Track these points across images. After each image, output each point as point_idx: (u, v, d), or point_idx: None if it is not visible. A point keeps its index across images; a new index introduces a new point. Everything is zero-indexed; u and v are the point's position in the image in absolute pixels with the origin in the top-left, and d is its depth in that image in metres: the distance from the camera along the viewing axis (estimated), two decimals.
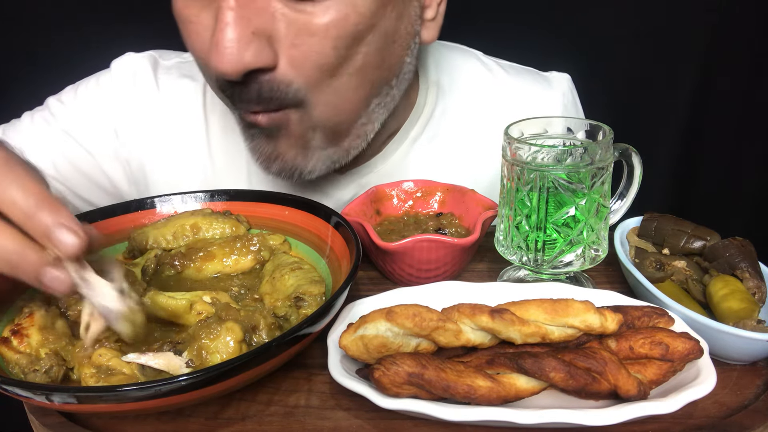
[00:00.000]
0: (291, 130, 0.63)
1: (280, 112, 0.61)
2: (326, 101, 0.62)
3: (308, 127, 0.63)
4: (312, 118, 0.62)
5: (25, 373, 0.47)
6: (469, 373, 0.44)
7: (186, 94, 0.80)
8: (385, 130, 0.77)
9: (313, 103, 0.61)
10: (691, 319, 0.50)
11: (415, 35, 0.68)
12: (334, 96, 0.62)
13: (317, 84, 0.60)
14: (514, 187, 0.57)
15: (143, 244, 0.63)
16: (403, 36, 0.65)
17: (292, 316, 0.53)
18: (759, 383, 0.50)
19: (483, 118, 0.83)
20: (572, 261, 0.57)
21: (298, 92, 0.60)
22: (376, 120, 0.69)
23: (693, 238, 0.61)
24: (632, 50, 1.35)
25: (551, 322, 0.46)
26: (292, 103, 0.61)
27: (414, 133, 0.81)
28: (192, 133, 0.80)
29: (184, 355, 0.46)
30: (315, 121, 0.63)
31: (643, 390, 0.44)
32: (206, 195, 0.68)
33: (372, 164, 0.80)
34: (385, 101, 0.68)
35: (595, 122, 0.58)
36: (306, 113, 0.62)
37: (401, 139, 0.80)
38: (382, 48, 0.62)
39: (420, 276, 0.62)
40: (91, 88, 0.80)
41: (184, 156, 0.80)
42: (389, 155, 0.80)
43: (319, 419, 0.47)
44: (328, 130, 0.65)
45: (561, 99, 0.86)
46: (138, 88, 0.79)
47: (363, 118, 0.67)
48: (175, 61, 0.83)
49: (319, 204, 0.64)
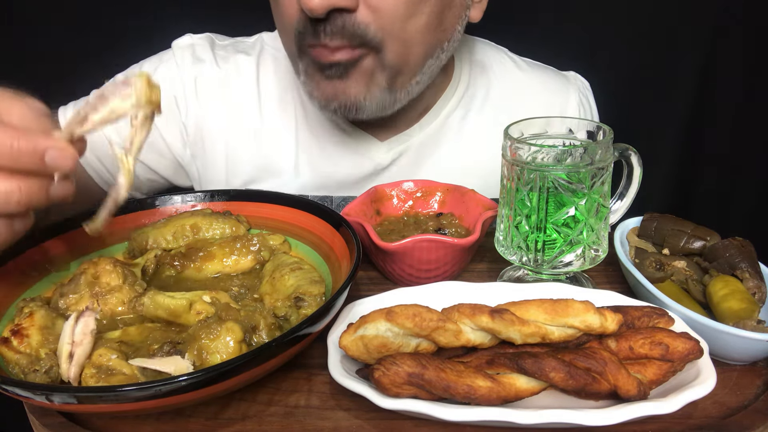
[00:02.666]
0: (365, 68, 0.70)
1: (360, 50, 0.68)
2: (397, 49, 0.70)
3: (378, 67, 0.71)
4: (384, 61, 0.70)
5: (25, 373, 0.47)
6: (469, 373, 0.44)
7: (241, 66, 0.88)
8: (423, 100, 0.84)
9: (388, 48, 0.69)
10: (691, 319, 0.50)
11: (467, 8, 0.77)
12: (403, 46, 0.70)
13: (390, 31, 0.68)
14: (514, 187, 0.57)
15: (143, 244, 0.63)
16: (458, 5, 0.74)
17: (292, 316, 0.53)
18: (759, 383, 0.50)
19: (509, 104, 0.90)
20: (572, 261, 0.57)
21: (376, 35, 0.68)
22: (423, 82, 0.76)
23: (693, 238, 0.61)
24: (632, 50, 1.35)
25: (551, 322, 0.46)
26: (371, 45, 0.68)
27: (448, 109, 0.88)
28: (245, 99, 0.87)
29: (187, 357, 0.46)
30: (386, 63, 0.70)
31: (643, 390, 0.44)
32: (206, 195, 0.68)
33: (409, 133, 0.86)
34: (434, 65, 0.75)
35: (595, 122, 0.58)
36: (381, 56, 0.70)
37: (436, 113, 0.87)
38: (441, 11, 0.71)
39: (420, 276, 0.62)
40: (153, 62, 0.89)
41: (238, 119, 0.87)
42: (425, 126, 0.87)
43: (319, 419, 0.47)
44: (393, 73, 0.72)
45: (577, 95, 0.93)
46: (197, 62, 0.87)
47: (417, 76, 0.74)
48: (230, 41, 0.92)
49: (320, 204, 0.64)
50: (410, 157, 0.86)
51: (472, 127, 0.88)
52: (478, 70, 0.91)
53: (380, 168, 0.86)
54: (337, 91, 0.72)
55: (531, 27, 1.30)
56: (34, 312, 0.51)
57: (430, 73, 0.76)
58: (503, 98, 0.90)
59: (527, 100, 0.90)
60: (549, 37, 1.30)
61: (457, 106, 0.88)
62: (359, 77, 0.71)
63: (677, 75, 1.38)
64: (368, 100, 0.73)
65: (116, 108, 0.45)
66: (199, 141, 0.87)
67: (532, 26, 1.30)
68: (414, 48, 0.71)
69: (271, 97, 0.88)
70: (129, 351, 0.48)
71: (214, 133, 0.87)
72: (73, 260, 0.61)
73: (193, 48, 0.88)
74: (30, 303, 0.52)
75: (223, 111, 0.87)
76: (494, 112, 0.89)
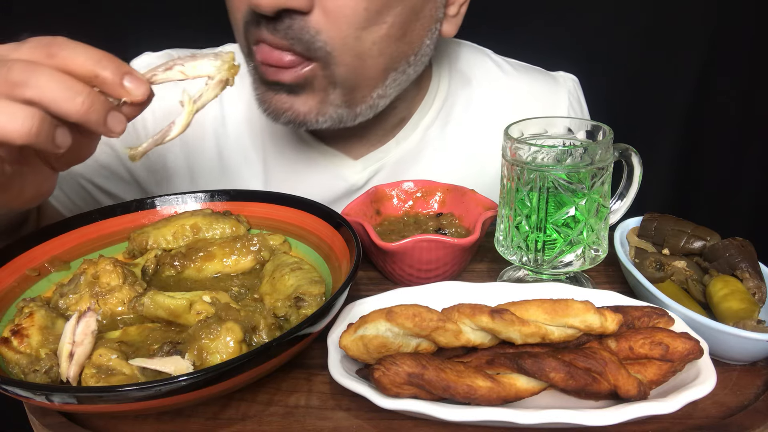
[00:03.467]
0: (315, 86, 0.66)
1: (308, 67, 0.64)
2: (350, 62, 0.65)
3: (330, 83, 0.66)
4: (335, 76, 0.65)
5: (25, 373, 0.47)
6: (469, 373, 0.44)
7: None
8: (395, 113, 0.80)
9: (338, 62, 0.64)
10: (691, 319, 0.50)
11: (438, 21, 0.71)
12: (357, 59, 0.65)
13: (344, 41, 0.63)
14: (514, 188, 0.57)
15: (143, 244, 0.63)
16: (427, 17, 0.69)
17: (292, 316, 0.53)
18: (759, 383, 0.50)
19: (493, 112, 0.86)
20: (572, 261, 0.57)
21: (326, 45, 0.63)
22: (389, 95, 0.72)
23: (693, 238, 0.60)
24: (632, 50, 1.35)
25: (551, 322, 0.46)
26: (319, 56, 0.63)
27: (427, 121, 0.83)
28: (208, 118, 0.83)
29: (187, 357, 0.46)
30: (337, 79, 0.66)
31: (643, 390, 0.44)
32: (206, 195, 0.68)
33: (385, 149, 0.82)
34: (400, 78, 0.71)
35: (595, 122, 0.58)
36: (330, 71, 0.65)
37: (413, 126, 0.83)
38: (407, 22, 0.66)
39: (420, 276, 0.62)
40: None
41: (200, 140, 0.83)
42: (401, 141, 0.83)
43: (319, 419, 0.47)
44: (347, 90, 0.67)
45: (567, 97, 0.89)
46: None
47: (380, 89, 0.70)
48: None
49: (319, 204, 0.64)
50: (387, 175, 0.82)
51: (454, 140, 0.84)
52: (458, 77, 0.87)
53: (355, 188, 0.82)
54: (285, 105, 0.67)
55: (531, 27, 1.30)
56: (34, 312, 0.51)
57: (397, 87, 0.72)
58: (486, 107, 0.86)
59: (513, 108, 0.85)
60: (548, 35, 1.30)
61: (435, 118, 0.84)
62: (308, 97, 0.67)
63: (677, 75, 1.38)
64: (321, 116, 0.68)
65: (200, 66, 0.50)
66: (161, 167, 0.84)
67: (531, 25, 1.30)
68: (370, 60, 0.66)
69: (236, 115, 0.83)
70: (129, 351, 0.48)
71: (177, 159, 0.83)
72: (73, 260, 0.61)
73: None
74: (30, 303, 0.52)
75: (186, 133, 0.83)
76: (477, 122, 0.85)
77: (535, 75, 0.90)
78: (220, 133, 0.84)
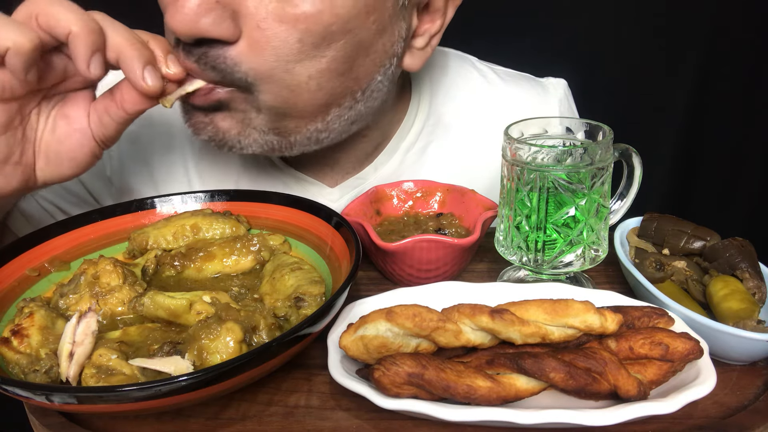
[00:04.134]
0: (232, 107, 0.61)
1: (223, 91, 0.59)
2: (278, 93, 0.59)
3: (253, 107, 0.61)
4: (257, 101, 0.60)
5: (25, 373, 0.47)
6: (469, 373, 0.44)
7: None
8: (370, 141, 0.76)
9: (262, 90, 0.59)
10: (691, 320, 0.50)
11: (394, 56, 0.64)
12: (288, 90, 0.59)
13: (270, 73, 0.57)
14: (514, 188, 0.57)
15: (143, 245, 0.63)
16: (380, 52, 0.62)
17: (292, 316, 0.53)
18: (759, 383, 0.50)
19: (477, 126, 0.83)
20: (572, 261, 0.57)
21: (247, 76, 0.57)
22: (335, 131, 0.66)
23: (693, 238, 0.61)
24: (632, 50, 1.35)
25: (551, 322, 0.46)
26: (238, 84, 0.58)
27: (406, 144, 0.80)
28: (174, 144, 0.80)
29: (187, 357, 0.46)
30: (260, 105, 0.60)
31: (643, 390, 0.44)
32: (206, 195, 0.68)
33: (363, 176, 0.79)
34: (347, 114, 0.64)
35: (595, 122, 0.58)
36: (252, 96, 0.60)
37: (392, 151, 0.79)
38: (352, 57, 0.60)
39: (420, 276, 0.62)
40: None
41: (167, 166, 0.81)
42: (380, 166, 0.79)
43: (319, 419, 0.47)
44: (275, 117, 0.61)
45: (557, 105, 0.86)
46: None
47: (319, 124, 0.64)
48: None
49: (320, 204, 0.64)
50: None
51: (437, 158, 0.80)
52: (439, 91, 0.81)
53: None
54: (205, 122, 0.62)
55: (531, 26, 1.30)
56: (34, 312, 0.51)
57: (345, 122, 0.65)
58: (469, 121, 0.82)
59: (498, 120, 0.78)
60: (548, 35, 1.30)
61: (417, 140, 0.79)
62: (226, 115, 0.62)
63: (677, 75, 1.38)
64: (244, 138, 0.63)
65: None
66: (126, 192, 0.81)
67: (532, 25, 1.30)
68: (306, 94, 0.59)
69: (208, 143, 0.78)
70: (129, 351, 0.48)
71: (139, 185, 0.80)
72: (73, 260, 0.61)
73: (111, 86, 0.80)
74: (30, 303, 0.52)
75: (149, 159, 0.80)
76: (460, 138, 0.81)
77: (522, 83, 0.86)
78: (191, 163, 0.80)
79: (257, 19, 0.55)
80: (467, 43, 0.90)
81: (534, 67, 0.92)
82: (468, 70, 0.85)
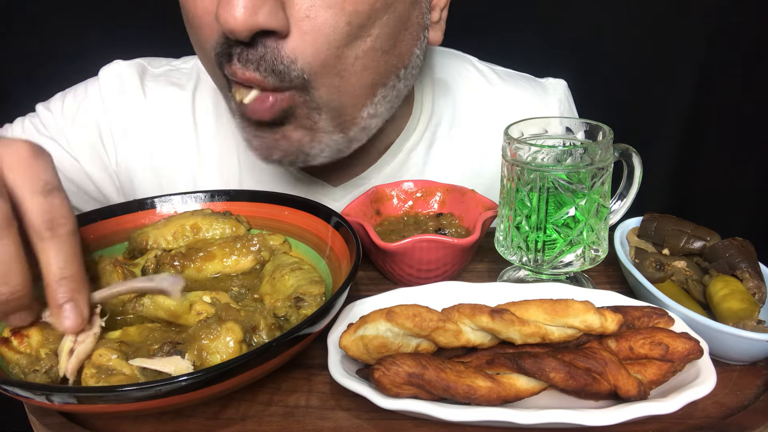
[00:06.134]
0: (297, 114, 0.61)
1: (285, 94, 0.59)
2: (330, 83, 0.59)
3: (314, 109, 0.61)
4: (316, 100, 0.60)
5: (25, 373, 0.47)
6: (469, 373, 0.44)
7: (173, 101, 0.79)
8: (384, 137, 0.77)
9: (317, 85, 0.58)
10: (691, 320, 0.50)
11: (425, 28, 0.66)
12: (338, 78, 0.59)
13: (324, 63, 0.57)
14: (514, 188, 0.57)
15: (143, 245, 0.63)
16: (415, 25, 0.63)
17: (292, 316, 0.53)
18: (759, 383, 0.50)
19: (478, 126, 0.83)
20: (572, 261, 0.57)
21: (303, 71, 0.57)
22: (381, 115, 0.66)
23: (693, 239, 0.61)
24: (632, 50, 1.35)
25: (551, 322, 0.46)
26: (296, 84, 0.58)
27: (410, 144, 0.80)
28: (181, 140, 0.80)
29: (187, 357, 0.46)
30: (320, 103, 0.60)
31: (643, 390, 0.44)
32: (206, 195, 0.68)
33: (367, 176, 0.79)
34: (390, 95, 0.65)
35: (595, 122, 0.58)
36: (310, 96, 0.59)
37: (396, 150, 0.79)
38: (395, 33, 0.60)
39: (420, 276, 0.62)
40: (78, 96, 0.80)
41: (173, 163, 0.80)
42: (383, 166, 0.80)
43: (319, 419, 0.47)
44: (334, 113, 0.62)
45: (557, 106, 0.86)
46: (124, 97, 0.79)
47: (369, 108, 0.64)
48: (164, 69, 0.83)
49: (320, 204, 0.64)
50: None
51: (440, 158, 0.81)
52: (441, 90, 0.82)
53: None
54: (276, 138, 0.62)
55: (531, 26, 1.30)
56: None
57: (388, 105, 0.66)
58: (470, 121, 0.82)
59: (498, 121, 0.80)
60: (548, 35, 1.30)
61: (420, 140, 0.80)
62: (295, 126, 0.62)
63: (677, 75, 1.38)
64: (317, 147, 0.64)
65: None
66: (130, 189, 0.81)
67: (532, 25, 1.30)
68: (353, 77, 0.59)
69: (209, 141, 0.79)
70: (129, 351, 0.48)
71: (145, 181, 0.79)
72: None
73: (121, 78, 0.79)
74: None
75: (155, 154, 0.79)
76: (461, 138, 0.82)
77: (522, 83, 0.86)
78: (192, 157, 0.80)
79: (305, 8, 0.55)
80: (467, 43, 0.90)
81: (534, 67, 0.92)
82: (468, 70, 0.86)
